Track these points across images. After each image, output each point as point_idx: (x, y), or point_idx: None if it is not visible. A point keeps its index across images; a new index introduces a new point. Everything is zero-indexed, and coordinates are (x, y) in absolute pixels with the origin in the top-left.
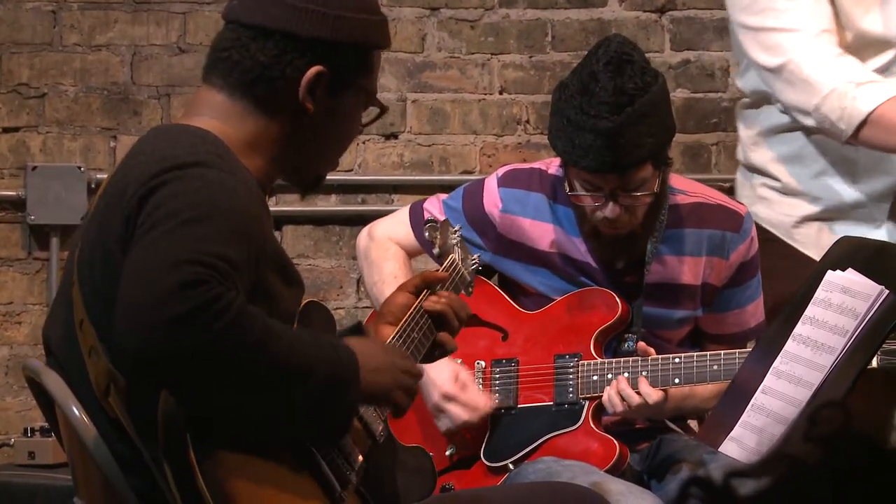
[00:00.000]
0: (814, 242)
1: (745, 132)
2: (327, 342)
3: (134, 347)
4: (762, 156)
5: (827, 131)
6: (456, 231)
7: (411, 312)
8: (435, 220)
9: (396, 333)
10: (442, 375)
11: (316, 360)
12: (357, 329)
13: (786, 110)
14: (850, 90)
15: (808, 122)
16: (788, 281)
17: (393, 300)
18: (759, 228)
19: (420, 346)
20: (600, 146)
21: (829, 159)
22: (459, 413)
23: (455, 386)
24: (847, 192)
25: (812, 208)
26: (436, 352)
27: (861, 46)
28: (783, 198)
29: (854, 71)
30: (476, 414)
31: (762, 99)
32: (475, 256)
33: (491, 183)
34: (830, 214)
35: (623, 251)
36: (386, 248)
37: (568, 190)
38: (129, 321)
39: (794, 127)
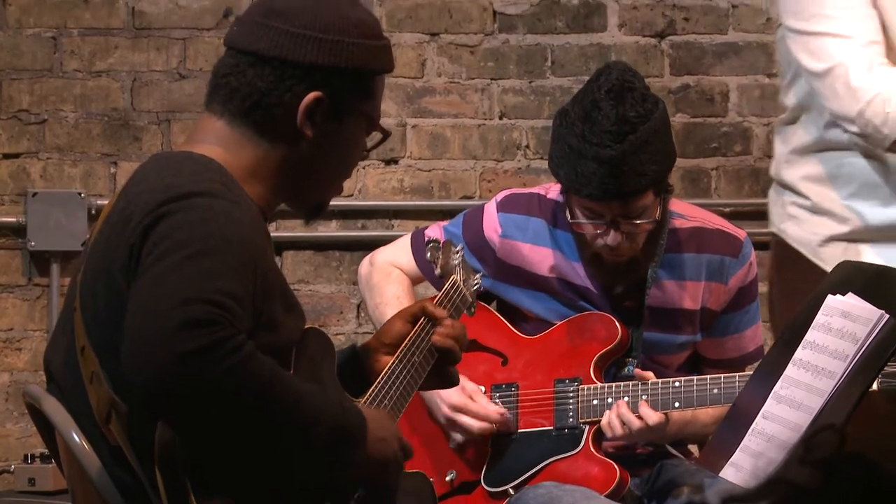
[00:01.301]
0: (839, 262)
1: (780, 148)
2: (335, 400)
3: (141, 382)
4: (794, 173)
5: (869, 138)
6: (458, 251)
7: (410, 339)
8: (436, 241)
9: (394, 362)
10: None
11: (323, 414)
12: (352, 351)
13: (831, 117)
14: (894, 95)
15: (852, 128)
16: None
17: (390, 327)
18: (786, 246)
19: (420, 369)
20: (603, 174)
21: (860, 182)
22: (471, 424)
23: (463, 396)
24: (876, 215)
25: (840, 228)
26: (434, 381)
27: None
28: (812, 216)
29: None
30: (487, 424)
31: (801, 113)
32: (477, 276)
33: (490, 208)
34: (858, 236)
35: (623, 276)
36: (388, 273)
37: (569, 217)
38: (137, 356)
39: (828, 147)
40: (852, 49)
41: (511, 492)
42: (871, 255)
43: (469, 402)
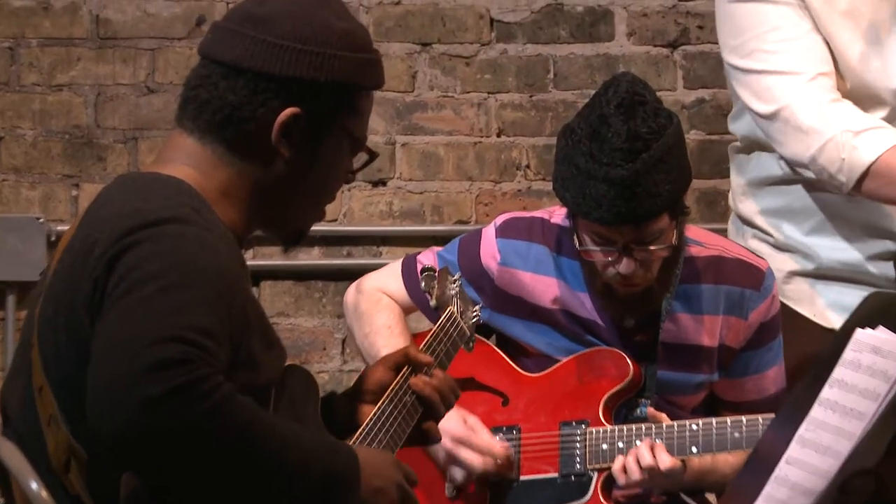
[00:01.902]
0: (807, 298)
1: (736, 179)
2: (327, 441)
3: (110, 430)
4: (751, 207)
5: (826, 183)
6: (455, 281)
7: (392, 389)
8: (432, 269)
9: (374, 415)
10: (449, 421)
11: (312, 458)
12: (329, 400)
13: (784, 160)
14: (848, 139)
15: (807, 173)
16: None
17: (371, 376)
18: None
19: (402, 428)
20: (614, 196)
21: (823, 216)
22: (473, 459)
23: (465, 429)
24: (842, 251)
25: (805, 265)
26: (413, 437)
27: (861, 97)
28: (774, 252)
29: (852, 118)
30: (490, 460)
31: (754, 145)
32: (476, 308)
33: (488, 233)
34: (824, 273)
35: (635, 308)
36: (377, 300)
37: (577, 244)
38: (105, 401)
39: (786, 179)
40: (799, 87)
41: None
42: (836, 294)
43: (472, 434)
